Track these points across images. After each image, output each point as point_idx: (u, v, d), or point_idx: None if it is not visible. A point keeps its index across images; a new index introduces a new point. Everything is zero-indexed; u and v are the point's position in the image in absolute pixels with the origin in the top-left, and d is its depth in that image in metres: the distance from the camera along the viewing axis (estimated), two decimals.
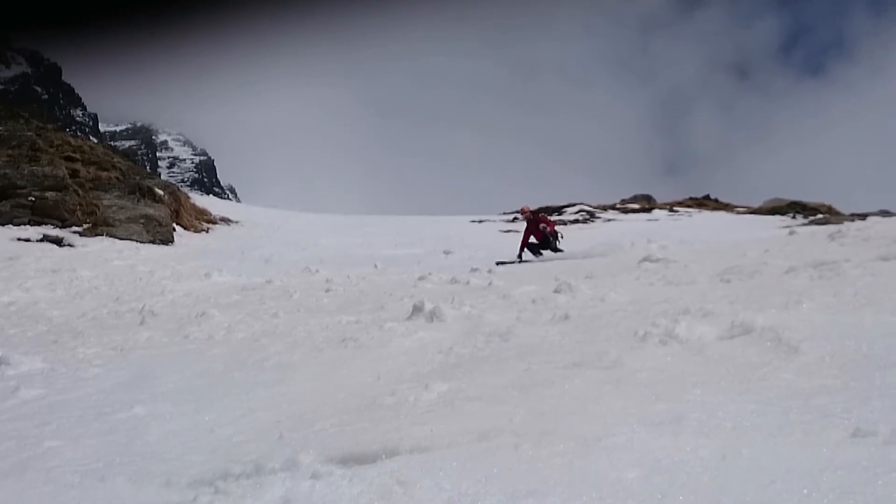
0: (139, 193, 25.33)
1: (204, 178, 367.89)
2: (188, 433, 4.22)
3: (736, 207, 45.89)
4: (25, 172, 21.86)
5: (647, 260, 11.77)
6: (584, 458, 3.21)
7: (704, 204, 47.49)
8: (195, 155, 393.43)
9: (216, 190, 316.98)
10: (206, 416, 4.57)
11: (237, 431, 4.18)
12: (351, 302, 9.80)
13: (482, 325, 7.00)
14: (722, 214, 41.28)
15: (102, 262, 17.25)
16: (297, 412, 4.50)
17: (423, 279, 12.02)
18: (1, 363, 6.35)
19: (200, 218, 29.29)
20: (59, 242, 19.87)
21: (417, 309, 7.64)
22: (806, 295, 6.69)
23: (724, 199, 50.36)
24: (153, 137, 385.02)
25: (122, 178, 27.17)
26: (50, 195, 21.53)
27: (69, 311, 10.07)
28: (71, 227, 21.27)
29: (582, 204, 43.76)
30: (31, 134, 26.12)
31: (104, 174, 26.68)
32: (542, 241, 17.23)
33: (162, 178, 46.65)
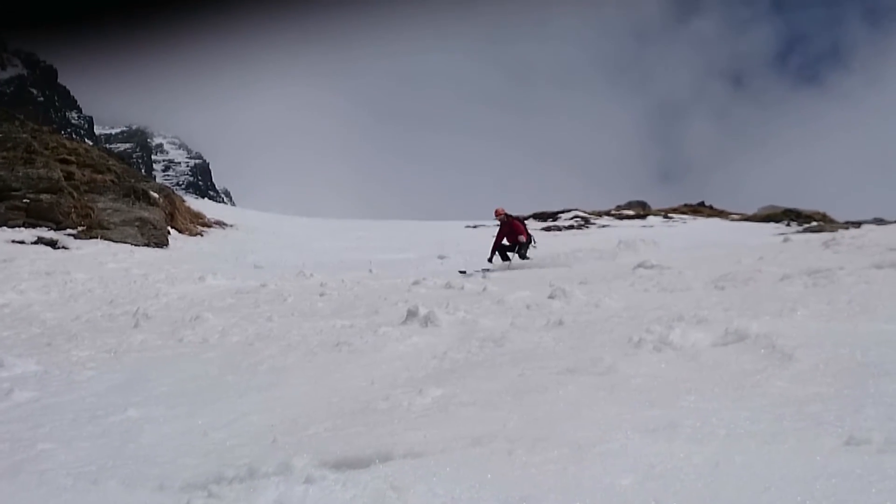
0: (134, 196, 25.26)
1: (199, 181, 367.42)
2: (182, 436, 4.21)
3: (731, 214, 45.96)
4: (20, 174, 21.79)
5: (641, 266, 11.80)
6: (577, 463, 3.21)
7: (699, 211, 47.57)
8: (190, 158, 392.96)
9: (211, 193, 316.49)
10: (199, 419, 4.56)
11: (231, 435, 4.17)
12: (345, 306, 9.79)
13: (476, 330, 7.00)
14: (717, 221, 41.35)
15: (97, 264, 17.19)
16: (290, 416, 4.49)
17: (417, 284, 12.02)
18: None
19: (195, 221, 29.22)
20: (53, 245, 19.80)
21: (412, 314, 7.64)
22: (800, 302, 6.71)
23: (718, 205, 50.47)
24: (148, 140, 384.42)
25: (117, 180, 27.10)
26: (45, 197, 21.46)
27: (63, 313, 10.03)
28: (65, 229, 21.19)
29: (577, 210, 43.79)
30: (26, 136, 26.06)
31: (99, 177, 26.60)
32: (513, 245, 16.80)
33: (157, 181, 46.56)
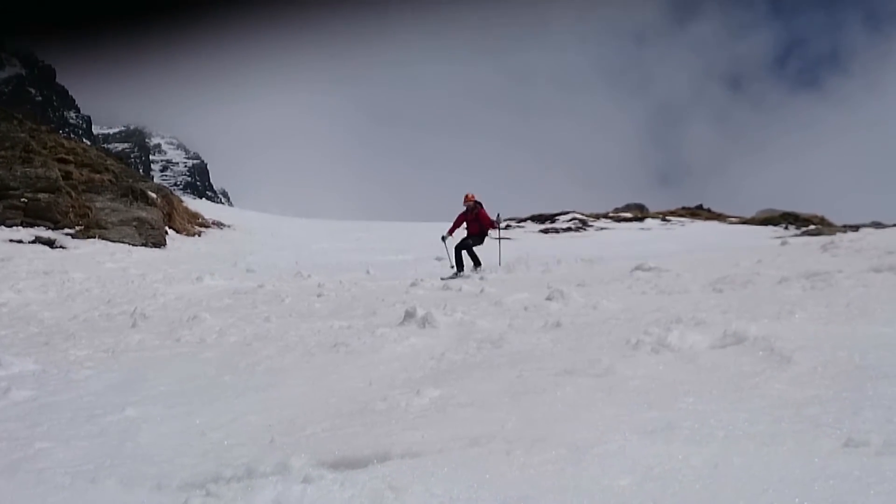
0: (132, 196, 25.27)
1: (197, 181, 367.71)
2: (179, 436, 4.20)
3: (728, 217, 46.08)
4: (18, 174, 21.78)
5: (639, 269, 11.81)
6: (575, 465, 3.21)
7: (697, 213, 47.69)
8: (188, 158, 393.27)
9: (209, 194, 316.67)
10: (197, 419, 4.55)
11: (228, 435, 4.17)
12: (343, 307, 9.79)
13: (474, 331, 7.00)
14: (714, 224, 41.46)
15: (94, 264, 17.19)
16: (288, 416, 4.49)
17: (415, 285, 12.02)
18: None
19: (193, 221, 29.23)
20: (51, 244, 19.80)
21: (409, 315, 7.64)
22: (798, 305, 6.71)
23: (716, 209, 50.63)
24: (146, 140, 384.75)
25: (114, 180, 27.11)
26: (43, 197, 21.46)
27: (61, 312, 10.03)
28: (63, 229, 21.19)
29: (575, 212, 43.88)
30: (24, 135, 26.05)
31: (97, 176, 26.61)
32: (473, 236, 15.79)
33: (155, 181, 46.53)
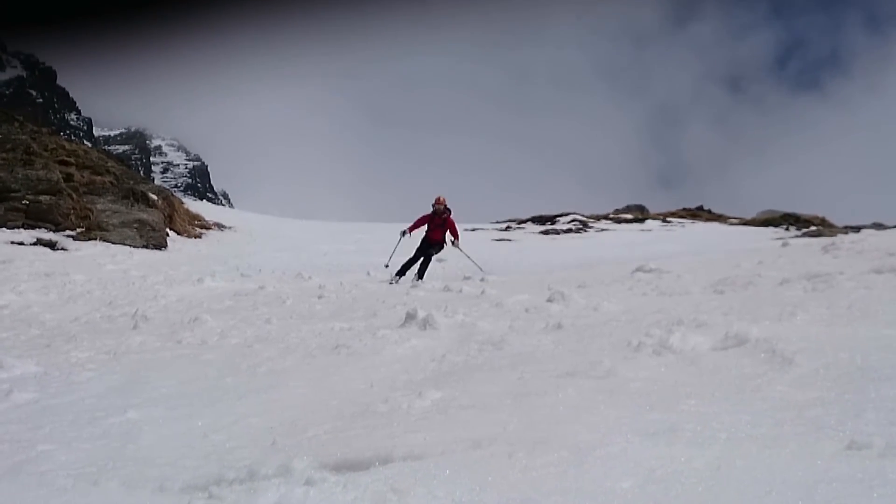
0: (133, 198, 25.27)
1: (197, 183, 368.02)
2: (181, 438, 4.20)
3: (729, 219, 46.05)
4: (20, 176, 21.77)
5: (640, 270, 11.82)
6: (578, 467, 3.21)
7: (698, 215, 47.66)
8: (189, 160, 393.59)
9: (209, 195, 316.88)
10: (199, 421, 4.55)
11: (230, 437, 4.17)
12: (344, 309, 9.79)
13: (475, 333, 7.01)
14: (715, 225, 41.42)
15: (96, 266, 17.18)
16: (290, 418, 4.49)
17: (415, 287, 12.02)
18: None
19: (194, 223, 29.22)
20: (52, 246, 19.79)
21: (410, 316, 7.64)
22: (800, 307, 6.71)
23: (717, 210, 50.59)
24: (147, 142, 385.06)
25: (115, 182, 27.11)
26: (44, 199, 21.44)
27: (62, 314, 10.02)
28: (64, 231, 21.18)
29: (575, 213, 43.85)
30: (25, 137, 26.06)
31: (98, 178, 26.61)
32: (435, 243, 15.27)
33: (156, 183, 46.57)
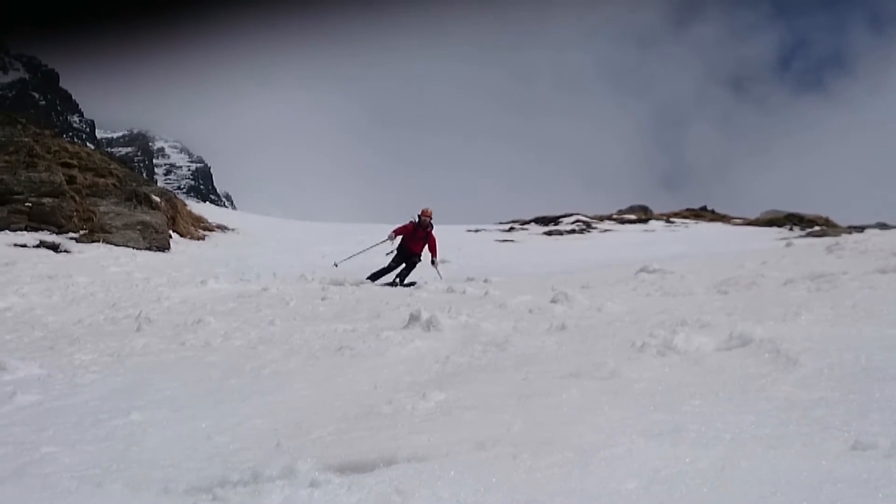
0: (136, 200, 25.26)
1: (200, 185, 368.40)
2: (185, 440, 4.20)
3: (733, 219, 45.96)
4: (22, 178, 21.78)
5: (643, 271, 11.81)
6: (582, 468, 3.21)
7: (701, 215, 47.57)
8: (192, 162, 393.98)
9: (212, 197, 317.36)
10: (203, 423, 4.55)
11: (234, 439, 4.17)
12: (347, 310, 9.78)
13: (479, 334, 7.00)
14: (719, 226, 41.36)
15: (99, 268, 17.17)
16: (294, 420, 4.49)
17: (418, 288, 12.01)
18: None
19: (197, 225, 29.21)
20: (55, 248, 19.78)
21: (414, 318, 7.63)
22: (804, 307, 6.70)
23: (721, 210, 50.49)
24: (150, 144, 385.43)
25: (118, 184, 27.10)
26: (47, 201, 21.44)
27: (65, 317, 10.02)
28: (67, 233, 21.17)
29: (578, 214, 43.80)
30: (28, 140, 26.07)
31: (101, 181, 26.60)
32: (413, 255, 14.89)
33: (159, 184, 46.52)
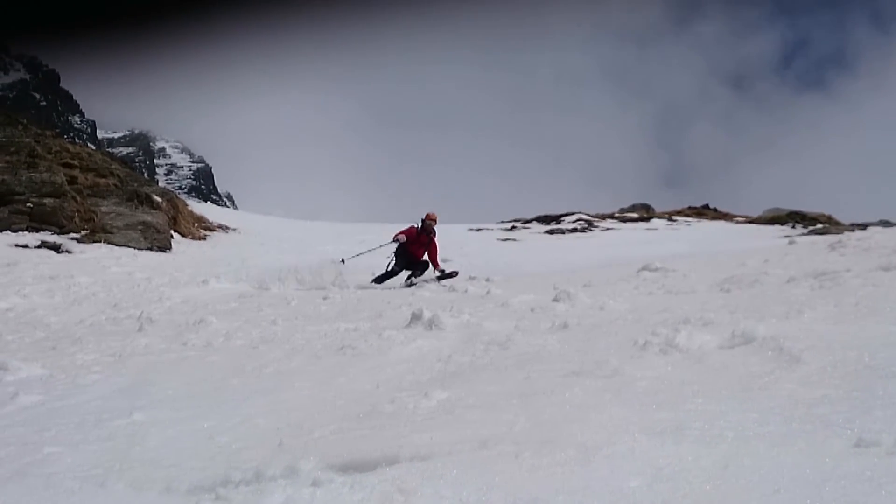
0: (137, 200, 25.27)
1: (201, 185, 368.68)
2: (187, 440, 4.20)
3: (735, 217, 45.96)
4: (23, 179, 21.80)
5: (646, 269, 11.80)
6: (585, 466, 3.20)
7: (703, 213, 47.59)
8: (193, 162, 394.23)
9: (213, 197, 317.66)
10: (205, 422, 4.55)
11: (236, 438, 4.16)
12: (349, 310, 9.78)
13: (481, 333, 6.99)
14: (721, 224, 41.37)
15: (100, 268, 17.20)
16: (296, 419, 4.48)
17: (420, 287, 12.01)
18: None
19: (198, 225, 29.23)
20: (56, 249, 19.80)
21: (416, 317, 7.62)
22: (807, 305, 6.70)
23: (723, 208, 50.52)
24: (151, 144, 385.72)
25: (119, 184, 27.11)
26: (48, 202, 21.46)
27: (67, 317, 10.03)
28: (69, 233, 21.19)
29: (580, 213, 43.83)
30: (29, 140, 26.09)
31: (102, 181, 26.61)
32: (416, 260, 14.70)
33: (160, 185, 46.56)
